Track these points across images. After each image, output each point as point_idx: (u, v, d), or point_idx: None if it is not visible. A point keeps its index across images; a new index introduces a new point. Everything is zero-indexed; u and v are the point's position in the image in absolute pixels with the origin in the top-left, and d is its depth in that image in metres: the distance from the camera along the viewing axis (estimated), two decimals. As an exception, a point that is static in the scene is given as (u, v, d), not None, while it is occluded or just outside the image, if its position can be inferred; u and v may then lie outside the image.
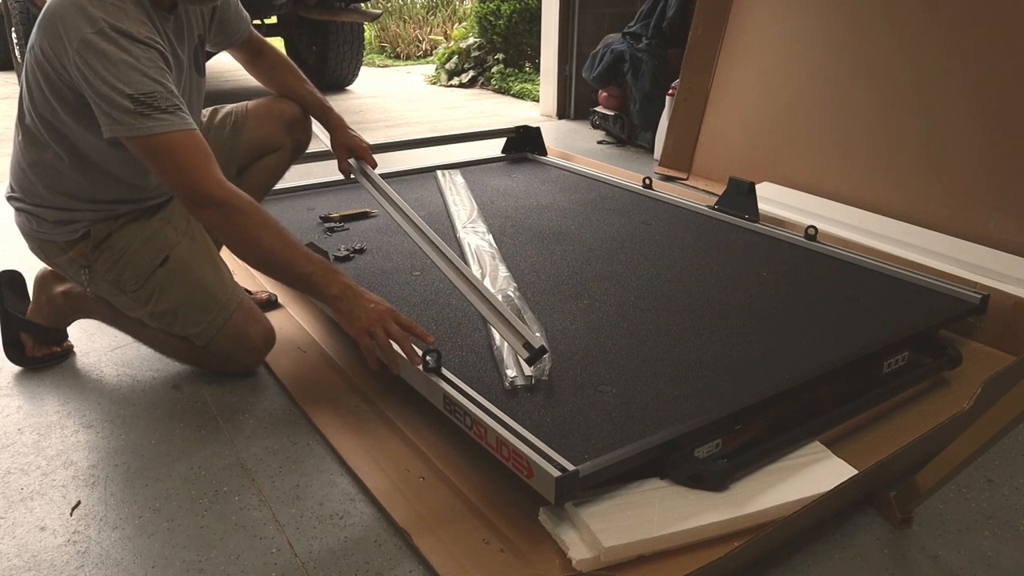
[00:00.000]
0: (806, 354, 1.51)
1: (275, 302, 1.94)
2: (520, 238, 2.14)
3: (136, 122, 1.31)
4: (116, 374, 1.69)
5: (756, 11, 2.98)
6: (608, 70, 3.76)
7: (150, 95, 1.31)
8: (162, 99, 1.33)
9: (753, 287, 1.83)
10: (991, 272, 1.99)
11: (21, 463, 1.39)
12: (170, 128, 1.33)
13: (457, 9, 8.41)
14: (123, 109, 1.30)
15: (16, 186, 1.56)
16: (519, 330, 1.40)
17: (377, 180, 1.86)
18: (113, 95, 1.30)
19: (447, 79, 6.23)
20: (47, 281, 1.73)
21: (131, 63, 1.31)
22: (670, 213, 2.38)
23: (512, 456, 1.17)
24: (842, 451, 1.32)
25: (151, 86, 1.32)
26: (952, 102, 2.35)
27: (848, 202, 2.57)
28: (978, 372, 1.62)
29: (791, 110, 2.82)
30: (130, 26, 1.33)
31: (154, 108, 1.32)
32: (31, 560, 1.16)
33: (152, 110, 1.31)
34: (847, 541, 1.21)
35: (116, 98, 1.30)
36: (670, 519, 1.13)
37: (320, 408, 1.52)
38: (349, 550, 1.18)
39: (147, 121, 1.31)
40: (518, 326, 1.41)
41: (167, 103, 1.33)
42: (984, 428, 1.04)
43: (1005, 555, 1.19)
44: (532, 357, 1.36)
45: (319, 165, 2.46)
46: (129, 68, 1.30)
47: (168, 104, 1.34)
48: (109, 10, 1.32)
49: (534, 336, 1.38)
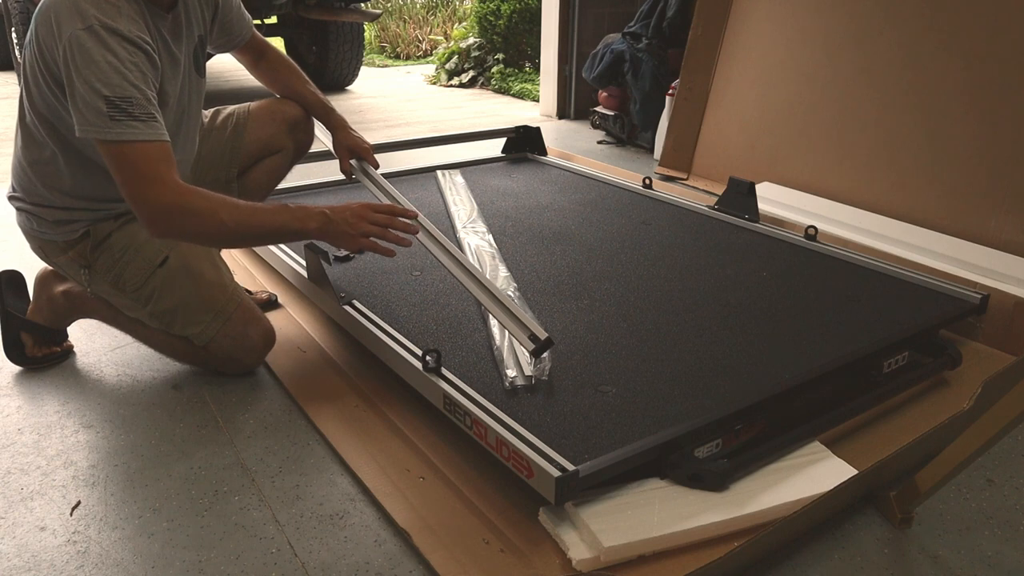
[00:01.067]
0: (806, 354, 1.51)
1: (275, 302, 1.94)
2: (520, 238, 2.14)
3: (105, 125, 1.30)
4: (116, 374, 1.69)
5: (756, 11, 2.98)
6: (608, 70, 3.76)
7: (126, 99, 1.31)
8: (137, 106, 1.32)
9: (753, 287, 1.83)
10: (991, 272, 1.99)
11: (21, 463, 1.39)
12: (137, 137, 1.32)
13: (457, 9, 8.41)
14: (96, 111, 1.30)
15: (17, 185, 1.56)
16: (525, 322, 1.40)
17: (379, 179, 1.86)
18: (89, 95, 1.29)
19: (447, 79, 6.23)
20: (47, 281, 1.73)
21: (114, 65, 1.30)
22: (670, 213, 2.38)
23: (512, 456, 1.17)
24: (842, 451, 1.32)
25: (129, 91, 1.31)
26: (952, 102, 2.35)
27: (848, 202, 2.57)
28: (978, 372, 1.62)
29: (791, 110, 2.82)
30: (121, 24, 1.33)
31: (127, 115, 1.31)
32: (31, 560, 1.16)
33: (125, 116, 1.31)
34: (847, 541, 1.21)
35: (91, 98, 1.29)
36: (670, 519, 1.13)
37: (320, 408, 1.52)
38: (349, 550, 1.18)
39: (117, 127, 1.30)
40: (524, 319, 1.41)
41: (141, 111, 1.32)
42: (984, 428, 1.04)
43: (1005, 555, 1.19)
44: (538, 349, 1.35)
45: (320, 165, 2.46)
46: (111, 70, 1.30)
47: (142, 112, 1.32)
48: (102, 6, 1.32)
49: (539, 328, 1.38)
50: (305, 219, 1.45)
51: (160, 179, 1.34)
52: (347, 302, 1.66)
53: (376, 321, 1.58)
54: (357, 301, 1.67)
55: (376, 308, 1.65)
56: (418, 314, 1.65)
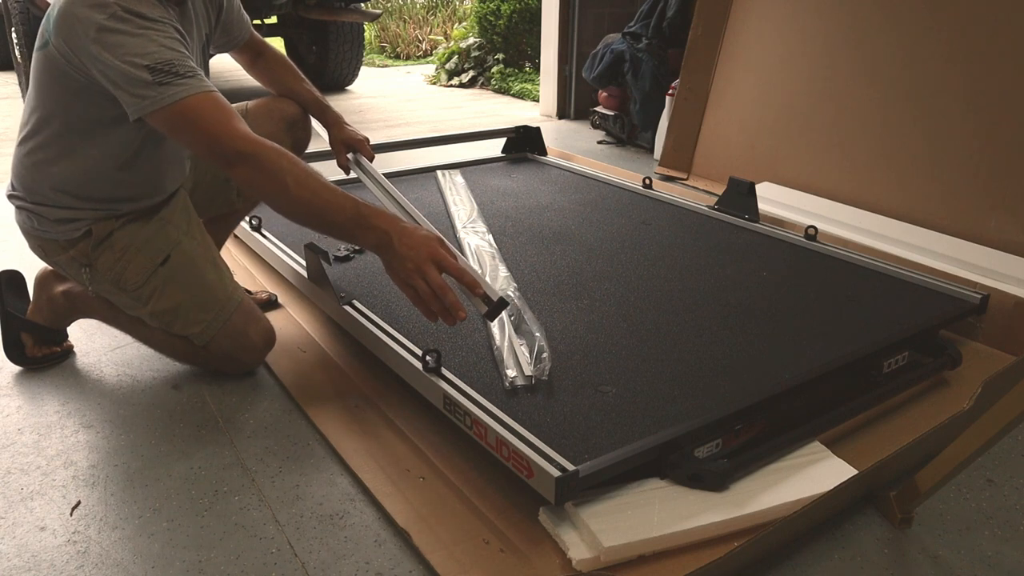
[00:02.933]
0: (806, 354, 1.51)
1: (275, 302, 1.94)
2: (520, 238, 2.14)
3: (157, 93, 1.31)
4: (116, 374, 1.69)
5: (756, 11, 2.98)
6: (608, 70, 3.76)
7: (167, 63, 1.32)
8: (180, 65, 1.33)
9: (753, 287, 1.83)
10: (991, 272, 1.99)
11: (21, 463, 1.39)
12: (190, 92, 1.33)
13: (457, 9, 8.41)
14: (142, 82, 1.30)
15: (17, 184, 1.56)
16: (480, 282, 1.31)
17: (377, 175, 1.86)
18: (131, 70, 1.30)
19: (447, 79, 6.23)
20: (47, 281, 1.73)
21: (148, 37, 1.32)
22: (670, 213, 2.38)
23: (512, 456, 1.17)
24: (842, 451, 1.32)
25: (168, 54, 1.33)
26: (952, 101, 2.35)
27: (848, 202, 2.57)
28: (978, 372, 1.62)
29: (791, 110, 2.82)
30: (143, 8, 1.34)
31: (173, 75, 1.32)
32: (31, 560, 1.16)
33: (171, 76, 1.32)
34: (847, 541, 1.21)
35: (134, 72, 1.30)
36: (670, 519, 1.13)
37: (320, 408, 1.52)
38: (349, 550, 1.18)
39: (168, 89, 1.31)
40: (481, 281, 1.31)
41: (185, 68, 1.34)
42: (984, 428, 1.04)
43: (1005, 555, 1.19)
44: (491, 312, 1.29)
45: (319, 165, 2.44)
46: (146, 41, 1.32)
47: (186, 69, 1.34)
48: None
49: (493, 290, 1.31)
50: (367, 230, 1.33)
51: (229, 130, 1.34)
52: (347, 302, 1.66)
53: (376, 321, 1.58)
54: (357, 301, 1.67)
55: (376, 308, 1.65)
56: (418, 314, 1.64)
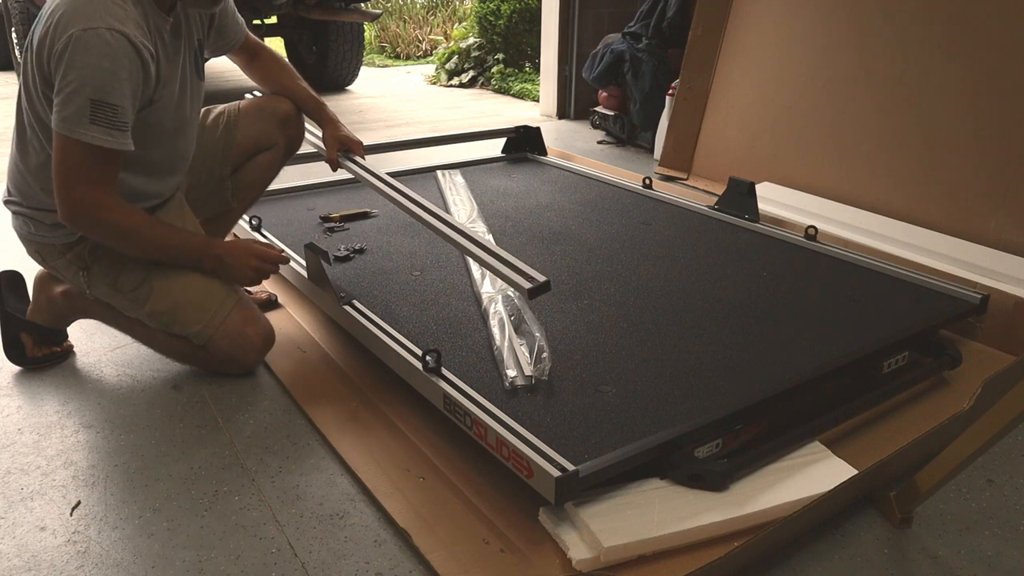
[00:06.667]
0: (806, 354, 1.51)
1: (275, 302, 1.94)
2: (520, 238, 2.14)
3: (83, 126, 1.34)
4: (116, 374, 1.69)
5: (756, 11, 2.98)
6: (608, 70, 3.76)
7: (112, 107, 1.35)
8: (120, 115, 1.36)
9: (753, 287, 1.82)
10: (991, 272, 1.99)
11: (21, 463, 1.39)
12: (105, 144, 1.36)
13: (457, 9, 8.41)
14: (79, 108, 1.33)
15: (13, 189, 1.56)
16: (520, 268, 1.42)
17: (367, 167, 1.86)
18: (78, 92, 1.32)
19: (447, 79, 6.23)
20: (47, 281, 1.73)
21: (111, 71, 1.33)
22: (670, 213, 2.38)
23: (512, 456, 1.17)
24: (842, 451, 1.32)
25: (117, 99, 1.35)
26: (952, 102, 2.34)
27: (848, 202, 2.57)
28: (978, 372, 1.62)
29: (791, 110, 2.82)
30: (128, 28, 1.34)
31: (108, 122, 1.35)
32: (31, 560, 1.16)
33: (105, 123, 1.35)
34: (847, 541, 1.21)
35: (78, 96, 1.32)
36: (670, 519, 1.13)
37: (320, 408, 1.52)
38: (349, 550, 1.18)
39: (93, 130, 1.34)
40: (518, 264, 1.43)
41: (120, 121, 1.37)
42: (984, 428, 1.04)
43: (1005, 555, 1.19)
44: (535, 289, 1.37)
45: (319, 165, 2.44)
46: (107, 75, 1.33)
47: (120, 122, 1.37)
48: (110, 7, 1.33)
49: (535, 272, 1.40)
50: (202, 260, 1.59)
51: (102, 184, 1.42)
52: (347, 302, 1.66)
53: (376, 321, 1.58)
54: (357, 301, 1.67)
55: (376, 308, 1.65)
56: (418, 314, 1.65)
